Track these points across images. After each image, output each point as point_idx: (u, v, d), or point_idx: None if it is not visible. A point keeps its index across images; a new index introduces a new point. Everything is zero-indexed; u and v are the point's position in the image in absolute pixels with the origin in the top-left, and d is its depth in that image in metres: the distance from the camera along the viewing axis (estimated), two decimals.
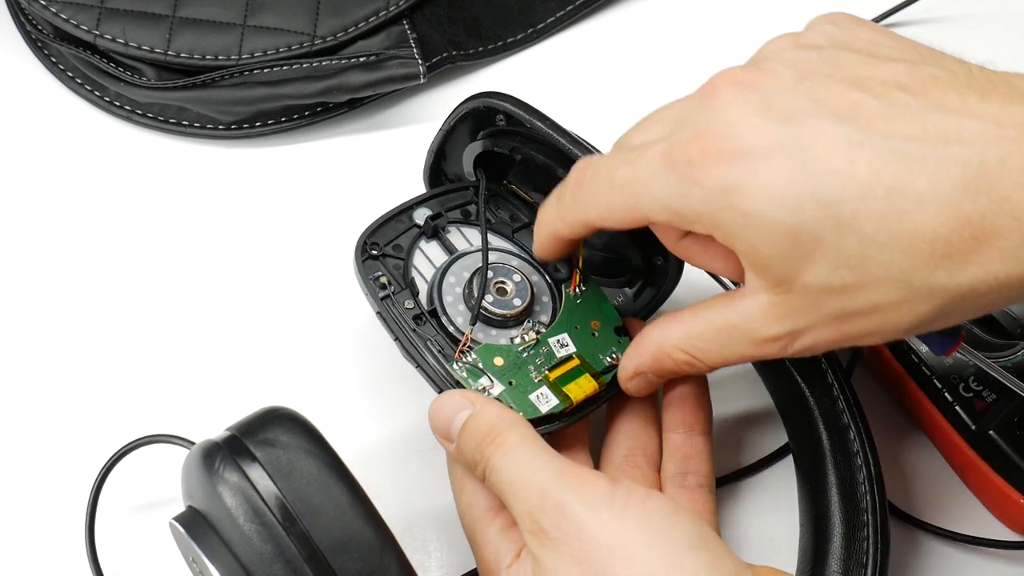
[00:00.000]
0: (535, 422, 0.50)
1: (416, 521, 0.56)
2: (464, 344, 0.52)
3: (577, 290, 0.55)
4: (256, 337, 0.62)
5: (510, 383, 0.51)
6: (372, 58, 0.67)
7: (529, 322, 0.53)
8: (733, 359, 0.48)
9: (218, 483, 0.44)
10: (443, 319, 0.53)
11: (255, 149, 0.68)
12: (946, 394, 0.57)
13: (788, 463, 0.57)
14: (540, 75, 0.71)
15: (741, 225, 0.43)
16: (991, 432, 0.55)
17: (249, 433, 0.46)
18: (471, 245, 0.56)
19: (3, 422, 0.59)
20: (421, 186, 0.60)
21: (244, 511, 0.44)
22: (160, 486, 0.56)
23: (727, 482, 0.58)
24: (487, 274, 0.54)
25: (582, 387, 0.52)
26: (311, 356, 0.61)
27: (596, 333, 0.54)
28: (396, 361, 0.52)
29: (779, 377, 0.56)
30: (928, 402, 0.57)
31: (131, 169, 0.67)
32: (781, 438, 0.58)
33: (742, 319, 0.46)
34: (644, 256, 0.55)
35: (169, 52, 0.66)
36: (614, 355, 0.53)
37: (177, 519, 0.47)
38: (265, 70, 0.66)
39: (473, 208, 0.57)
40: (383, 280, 0.53)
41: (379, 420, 0.59)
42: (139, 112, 0.68)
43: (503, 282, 0.54)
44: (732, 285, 0.58)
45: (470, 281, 0.54)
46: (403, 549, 0.46)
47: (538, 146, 0.54)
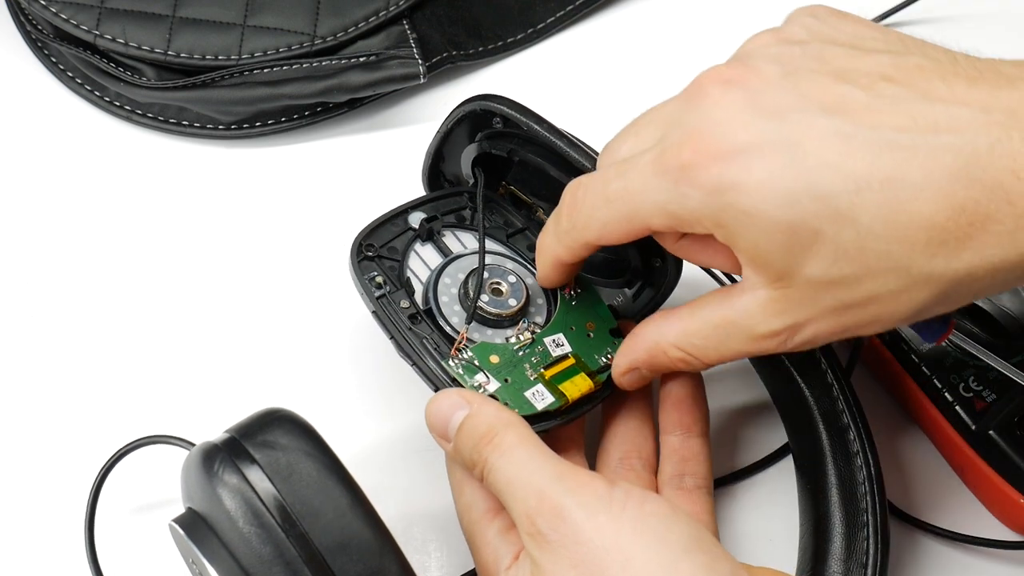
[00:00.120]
0: (531, 419, 0.50)
1: (416, 521, 0.56)
2: (460, 342, 0.52)
3: (572, 292, 0.55)
4: (256, 338, 0.62)
5: (506, 380, 0.51)
6: (372, 58, 0.67)
7: (524, 322, 0.54)
8: (730, 356, 0.48)
9: (217, 485, 0.44)
10: (439, 319, 0.53)
11: (255, 149, 0.68)
12: (946, 394, 0.57)
13: (788, 463, 0.57)
14: (540, 75, 0.71)
15: (740, 223, 0.43)
16: (991, 432, 0.55)
17: (248, 435, 0.46)
18: (466, 248, 0.56)
19: (3, 422, 0.59)
20: (420, 186, 0.60)
21: (243, 513, 0.44)
22: (160, 487, 0.56)
23: (727, 482, 0.58)
24: (483, 274, 0.54)
25: (578, 385, 0.52)
26: (310, 357, 0.61)
27: (591, 334, 0.54)
28: (395, 362, 0.52)
29: (779, 377, 0.56)
30: (928, 402, 0.57)
31: (131, 169, 0.67)
32: (781, 438, 0.58)
33: (740, 315, 0.46)
34: (643, 257, 0.55)
35: (169, 52, 0.66)
36: (609, 355, 0.53)
37: (177, 521, 0.47)
38: (265, 70, 0.66)
39: (467, 213, 0.57)
40: (379, 280, 0.53)
41: (378, 421, 0.59)
42: (139, 112, 0.68)
43: (498, 282, 0.54)
44: (730, 283, 0.58)
45: (465, 282, 0.54)
46: (403, 550, 0.46)
47: (536, 148, 0.55)
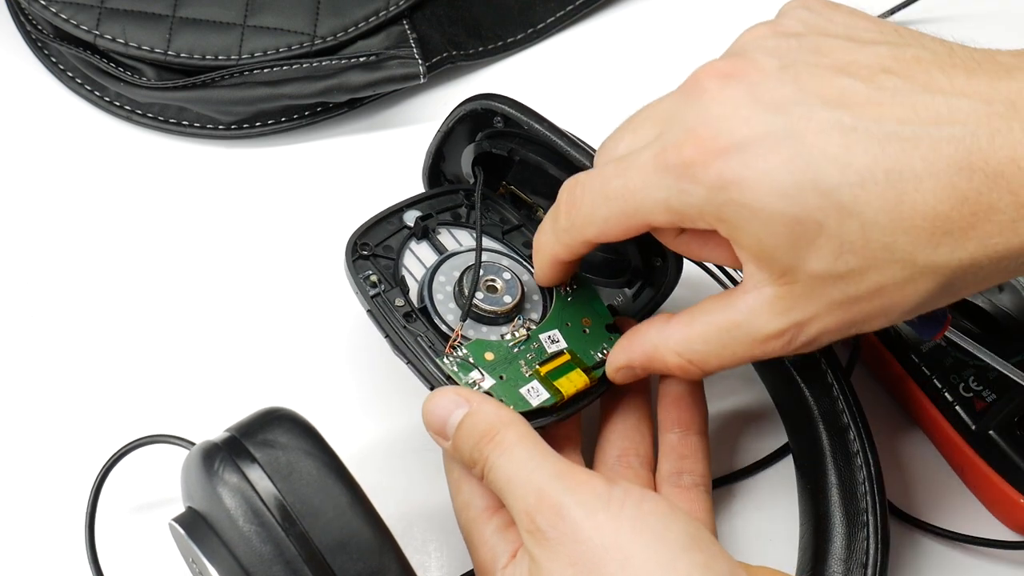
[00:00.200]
0: (526, 416, 0.50)
1: (416, 521, 0.56)
2: (454, 339, 0.52)
3: (568, 289, 0.55)
4: (256, 337, 0.62)
5: (501, 377, 0.51)
6: (372, 58, 0.67)
7: (519, 319, 0.54)
8: (731, 361, 0.48)
9: (217, 484, 0.44)
10: (433, 317, 0.53)
11: (255, 149, 0.68)
12: (946, 394, 0.57)
13: (788, 463, 0.57)
14: (540, 75, 0.71)
15: (744, 218, 0.43)
16: (991, 432, 0.55)
17: (248, 434, 0.46)
18: (461, 246, 0.56)
19: (3, 422, 0.59)
20: (420, 186, 0.60)
21: (243, 512, 0.44)
22: (160, 486, 0.56)
23: (727, 482, 0.58)
24: (479, 271, 0.54)
25: (573, 381, 0.52)
26: (310, 356, 0.61)
27: (587, 330, 0.54)
28: (394, 361, 0.52)
29: (779, 377, 0.56)
30: (928, 402, 0.57)
31: (131, 169, 0.67)
32: (781, 438, 0.58)
33: (744, 316, 0.46)
34: (643, 256, 0.55)
35: (169, 52, 0.66)
36: (605, 350, 0.53)
37: (177, 520, 0.47)
38: (265, 70, 0.66)
39: (463, 211, 0.57)
40: (373, 279, 0.53)
41: (378, 420, 0.59)
42: (139, 112, 0.68)
43: (493, 279, 0.54)
44: (731, 284, 0.58)
45: (460, 279, 0.54)
46: (403, 549, 0.46)
47: (536, 147, 0.54)
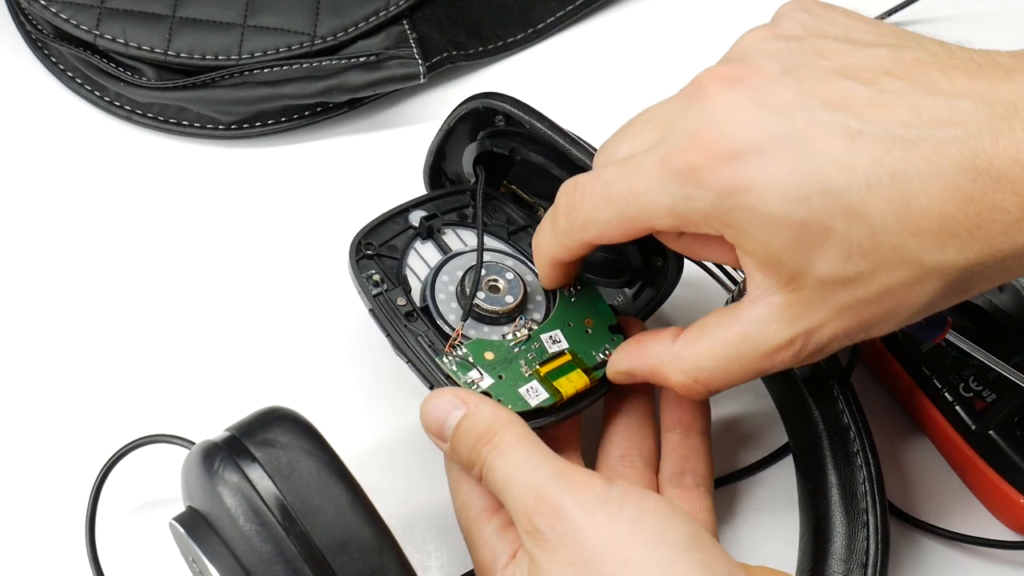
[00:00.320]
0: (524, 416, 0.50)
1: (416, 521, 0.56)
2: (455, 339, 0.52)
3: (572, 289, 0.55)
4: (256, 337, 0.62)
5: (500, 377, 0.51)
6: (372, 58, 0.67)
7: (521, 319, 0.53)
8: (739, 377, 0.48)
9: (218, 483, 0.44)
10: (435, 316, 0.53)
11: (255, 149, 0.68)
12: (946, 394, 0.57)
13: (788, 463, 0.57)
14: (540, 75, 0.71)
15: (751, 223, 0.43)
16: (991, 432, 0.55)
17: (249, 433, 0.46)
18: (466, 246, 0.56)
19: (3, 422, 0.59)
20: (421, 186, 0.60)
21: (244, 511, 0.44)
22: (160, 486, 0.56)
23: (727, 482, 0.58)
24: (481, 271, 0.54)
25: (573, 382, 0.52)
26: (311, 356, 0.61)
27: (589, 330, 0.54)
28: (395, 361, 0.52)
29: (779, 377, 0.56)
30: (928, 402, 0.57)
31: (131, 169, 0.67)
32: (781, 438, 0.58)
33: (752, 328, 0.46)
34: (644, 257, 0.55)
35: (169, 52, 0.66)
36: (607, 351, 0.53)
37: (177, 519, 0.47)
38: (265, 70, 0.66)
39: (469, 211, 0.57)
40: (376, 278, 0.53)
41: (379, 420, 0.59)
42: (139, 112, 0.68)
43: (495, 279, 0.54)
44: (731, 283, 0.58)
45: (463, 279, 0.54)
46: (403, 549, 0.46)
47: (537, 147, 0.55)
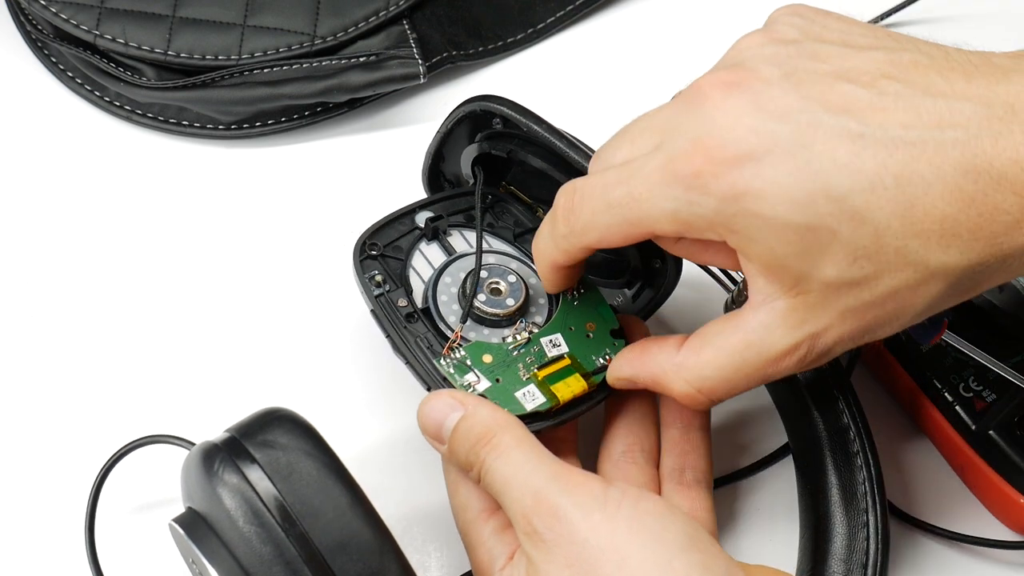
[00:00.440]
0: (521, 420, 0.50)
1: (416, 522, 0.56)
2: (453, 341, 0.52)
3: (575, 293, 0.55)
4: (256, 337, 0.62)
5: (497, 380, 0.51)
6: (372, 58, 0.67)
7: (522, 322, 0.53)
8: (743, 386, 0.47)
9: (217, 485, 0.44)
10: (436, 318, 0.53)
11: (255, 149, 0.68)
12: (946, 394, 0.57)
13: (788, 463, 0.57)
14: (540, 75, 0.71)
15: (755, 228, 0.43)
16: (991, 432, 0.55)
17: (248, 434, 0.46)
18: (471, 248, 0.56)
19: (3, 422, 0.59)
20: (420, 186, 0.60)
21: (243, 513, 0.44)
22: (160, 487, 0.56)
23: (727, 482, 0.58)
24: (480, 273, 0.54)
25: (570, 386, 0.52)
26: (310, 356, 0.61)
27: (591, 334, 0.54)
28: (396, 362, 0.52)
29: (780, 378, 0.56)
30: (928, 402, 0.57)
31: (131, 169, 0.67)
32: (781, 438, 0.58)
33: (756, 334, 0.46)
34: (642, 258, 0.55)
35: (169, 52, 0.66)
36: (607, 356, 0.53)
37: (177, 520, 0.47)
38: (265, 70, 0.66)
39: (476, 212, 0.57)
40: (378, 279, 0.53)
41: (378, 421, 0.59)
42: (139, 112, 0.68)
43: (497, 282, 0.54)
44: (731, 284, 0.58)
45: (464, 281, 0.54)
46: (403, 550, 0.46)
47: (535, 149, 0.54)
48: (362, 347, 0.61)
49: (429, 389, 0.51)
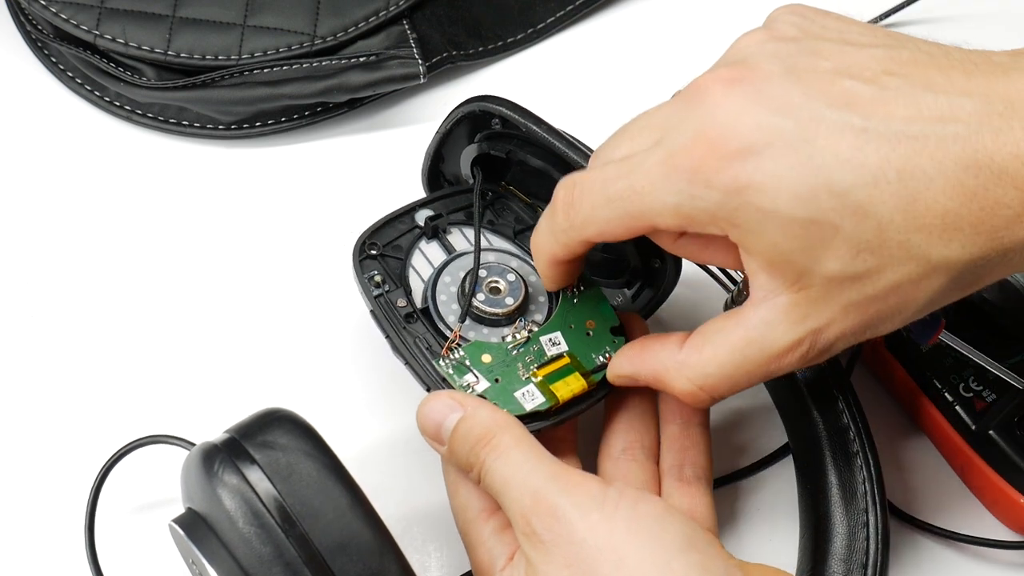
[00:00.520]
0: (520, 420, 0.50)
1: (416, 522, 0.56)
2: (452, 341, 0.52)
3: (575, 290, 0.55)
4: (256, 338, 0.62)
5: (496, 380, 0.51)
6: (372, 58, 0.67)
7: (521, 321, 0.53)
8: (745, 383, 0.47)
9: (217, 485, 0.44)
10: (435, 318, 0.53)
11: (255, 149, 0.68)
12: (946, 394, 0.57)
13: (788, 463, 0.57)
14: (540, 75, 0.71)
15: (758, 222, 0.43)
16: (991, 432, 0.55)
17: (248, 435, 0.46)
18: (471, 246, 0.56)
19: (3, 422, 0.59)
20: (420, 186, 0.60)
21: (243, 513, 0.44)
22: (160, 487, 0.56)
23: (727, 482, 0.58)
24: (479, 272, 0.54)
25: (570, 386, 0.51)
26: (310, 357, 0.61)
27: (591, 332, 0.54)
28: (395, 362, 0.52)
29: (779, 377, 0.56)
30: (928, 402, 0.57)
31: (131, 169, 0.67)
32: (781, 438, 0.58)
33: (758, 330, 0.46)
34: (642, 257, 0.55)
35: (169, 52, 0.66)
36: (607, 354, 0.53)
37: (176, 521, 0.47)
38: (265, 70, 0.66)
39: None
40: (378, 279, 0.53)
41: (378, 421, 0.59)
42: (139, 112, 0.68)
43: (496, 281, 0.54)
44: (731, 284, 0.58)
45: (464, 281, 0.54)
46: (402, 550, 0.46)
47: (534, 149, 0.54)
48: (362, 347, 0.61)
49: (428, 390, 0.51)
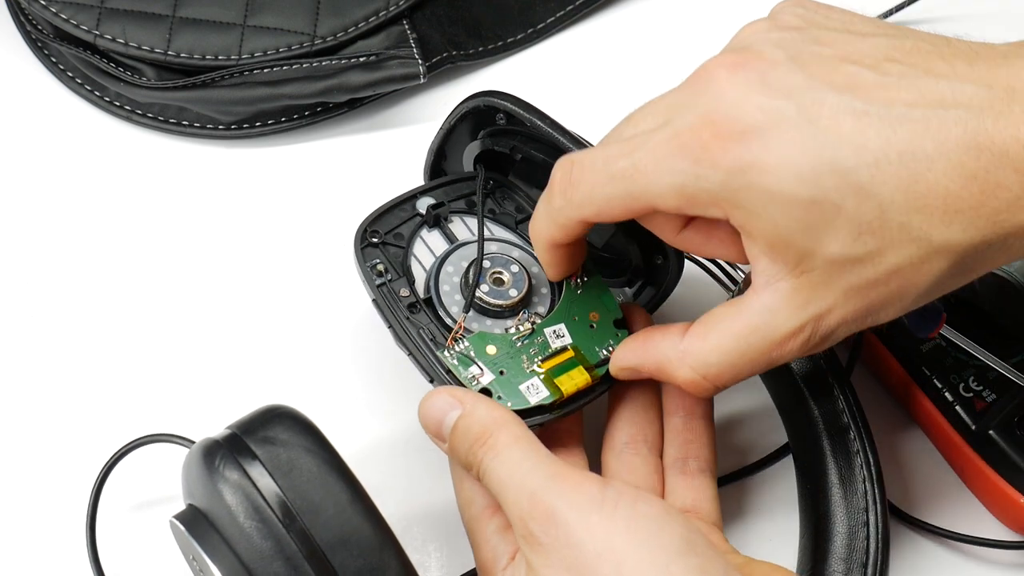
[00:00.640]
0: (524, 413, 0.50)
1: (416, 521, 0.56)
2: (456, 332, 0.52)
3: (579, 280, 0.55)
4: (256, 336, 0.62)
5: (501, 372, 0.51)
6: (372, 58, 0.67)
7: (525, 312, 0.53)
8: (748, 370, 0.48)
9: (218, 481, 0.44)
10: (438, 308, 0.53)
11: (255, 149, 0.68)
12: (946, 394, 0.57)
13: (788, 463, 0.57)
14: (540, 75, 0.71)
15: (762, 202, 0.44)
16: (991, 432, 0.55)
17: (249, 431, 0.46)
18: (473, 235, 0.55)
19: (4, 422, 0.59)
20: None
21: (244, 509, 0.44)
22: (160, 485, 0.56)
23: (728, 482, 0.58)
24: (483, 263, 0.53)
25: (574, 379, 0.51)
26: (311, 355, 0.61)
27: (594, 325, 0.54)
28: (397, 359, 0.52)
29: (779, 377, 0.56)
30: (928, 402, 0.57)
31: (131, 169, 0.67)
32: (781, 438, 0.58)
33: (760, 317, 0.46)
34: (644, 255, 0.55)
35: (169, 52, 0.66)
36: (610, 347, 0.53)
37: (177, 517, 0.47)
38: (265, 70, 0.66)
39: (477, 198, 0.57)
40: (380, 268, 0.53)
41: (379, 418, 0.59)
42: (139, 112, 0.68)
43: (500, 272, 0.54)
44: (731, 284, 0.58)
45: (467, 271, 0.54)
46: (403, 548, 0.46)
47: (538, 145, 0.54)
48: (362, 346, 0.61)
49: (431, 381, 0.51)
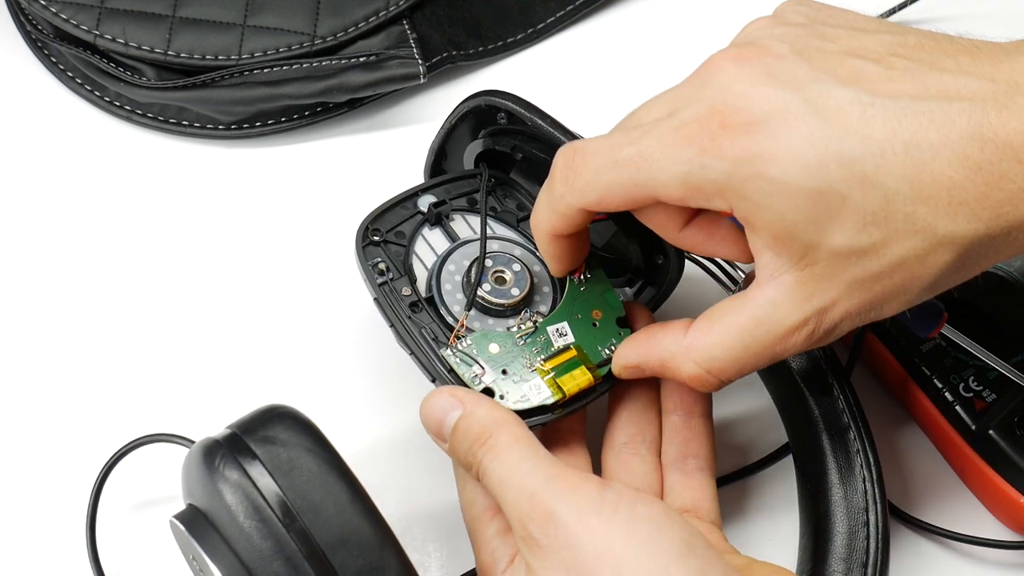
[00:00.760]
0: (526, 413, 0.50)
1: (416, 521, 0.56)
2: (458, 331, 0.52)
3: (582, 277, 0.54)
4: (256, 336, 0.62)
5: (503, 372, 0.51)
6: (372, 58, 0.67)
7: (527, 311, 0.53)
8: (752, 364, 0.48)
9: (218, 480, 0.44)
10: (440, 307, 0.53)
11: (255, 149, 0.68)
12: (946, 394, 0.57)
13: (788, 463, 0.57)
14: (540, 75, 0.71)
15: (766, 193, 0.44)
16: (991, 432, 0.55)
17: (249, 431, 0.46)
18: (475, 233, 0.55)
19: (4, 422, 0.59)
20: None
21: (244, 508, 0.44)
22: (160, 485, 0.56)
23: (727, 482, 0.58)
24: (485, 262, 0.53)
25: (576, 380, 0.51)
26: (311, 355, 0.61)
27: (597, 323, 0.54)
28: (397, 359, 0.52)
29: (779, 377, 0.56)
30: (928, 402, 0.57)
31: (131, 169, 0.67)
32: (781, 438, 0.58)
33: (764, 311, 0.46)
34: (644, 255, 0.55)
35: (169, 52, 0.66)
36: (613, 347, 0.53)
37: (177, 517, 0.47)
38: (265, 70, 0.66)
39: (479, 196, 0.57)
40: (382, 266, 0.53)
41: (380, 418, 0.59)
42: (139, 112, 0.68)
43: (502, 271, 0.54)
44: (731, 284, 0.58)
45: (469, 270, 0.54)
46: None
47: (539, 144, 0.54)
48: (363, 346, 0.61)
49: (433, 380, 0.51)
